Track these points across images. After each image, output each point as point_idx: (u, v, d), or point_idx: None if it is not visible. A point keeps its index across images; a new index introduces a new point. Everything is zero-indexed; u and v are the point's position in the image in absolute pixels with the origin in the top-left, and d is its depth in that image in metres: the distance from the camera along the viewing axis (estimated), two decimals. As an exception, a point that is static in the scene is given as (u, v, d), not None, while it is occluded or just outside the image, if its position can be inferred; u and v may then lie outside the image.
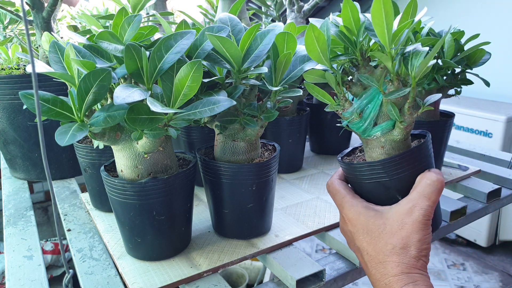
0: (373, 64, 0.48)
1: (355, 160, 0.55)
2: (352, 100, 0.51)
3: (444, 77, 0.73)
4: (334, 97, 0.51)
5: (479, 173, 0.87)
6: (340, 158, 0.55)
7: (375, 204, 0.49)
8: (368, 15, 0.46)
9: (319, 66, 0.50)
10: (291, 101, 0.56)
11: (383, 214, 0.46)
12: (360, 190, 0.51)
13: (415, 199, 0.45)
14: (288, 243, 0.60)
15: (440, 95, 0.50)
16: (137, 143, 0.49)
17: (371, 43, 0.47)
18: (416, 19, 0.45)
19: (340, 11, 0.48)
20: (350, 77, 0.50)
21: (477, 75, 0.73)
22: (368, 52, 0.47)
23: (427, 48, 0.43)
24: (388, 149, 0.49)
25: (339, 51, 0.49)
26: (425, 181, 0.45)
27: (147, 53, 0.44)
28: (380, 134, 0.49)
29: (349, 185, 0.52)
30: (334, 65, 0.48)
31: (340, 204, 0.50)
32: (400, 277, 0.42)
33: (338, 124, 0.53)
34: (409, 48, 0.43)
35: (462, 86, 0.75)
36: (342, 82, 0.49)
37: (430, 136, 0.51)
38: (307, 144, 1.03)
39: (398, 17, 0.45)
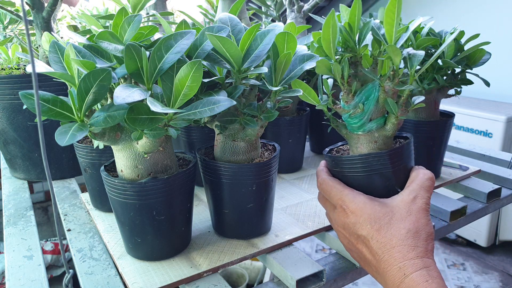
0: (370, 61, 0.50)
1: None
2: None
3: (444, 77, 0.73)
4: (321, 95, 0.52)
5: (479, 173, 0.87)
6: (328, 154, 0.56)
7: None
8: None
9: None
10: (291, 101, 0.56)
11: (387, 203, 0.49)
12: (353, 183, 0.52)
13: (417, 190, 0.49)
14: (288, 243, 0.60)
15: (423, 97, 0.53)
16: (137, 143, 0.49)
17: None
18: (415, 24, 0.47)
19: (339, 11, 0.48)
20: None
21: (477, 75, 0.73)
22: (360, 53, 0.49)
23: (423, 52, 0.46)
24: (380, 144, 0.52)
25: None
26: (423, 176, 0.50)
27: (147, 53, 0.44)
28: (375, 129, 0.51)
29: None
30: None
31: (340, 198, 0.51)
32: (415, 261, 0.44)
33: (325, 122, 0.54)
34: (407, 51, 0.47)
35: (462, 86, 0.75)
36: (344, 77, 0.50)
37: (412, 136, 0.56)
38: (307, 144, 1.03)
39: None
